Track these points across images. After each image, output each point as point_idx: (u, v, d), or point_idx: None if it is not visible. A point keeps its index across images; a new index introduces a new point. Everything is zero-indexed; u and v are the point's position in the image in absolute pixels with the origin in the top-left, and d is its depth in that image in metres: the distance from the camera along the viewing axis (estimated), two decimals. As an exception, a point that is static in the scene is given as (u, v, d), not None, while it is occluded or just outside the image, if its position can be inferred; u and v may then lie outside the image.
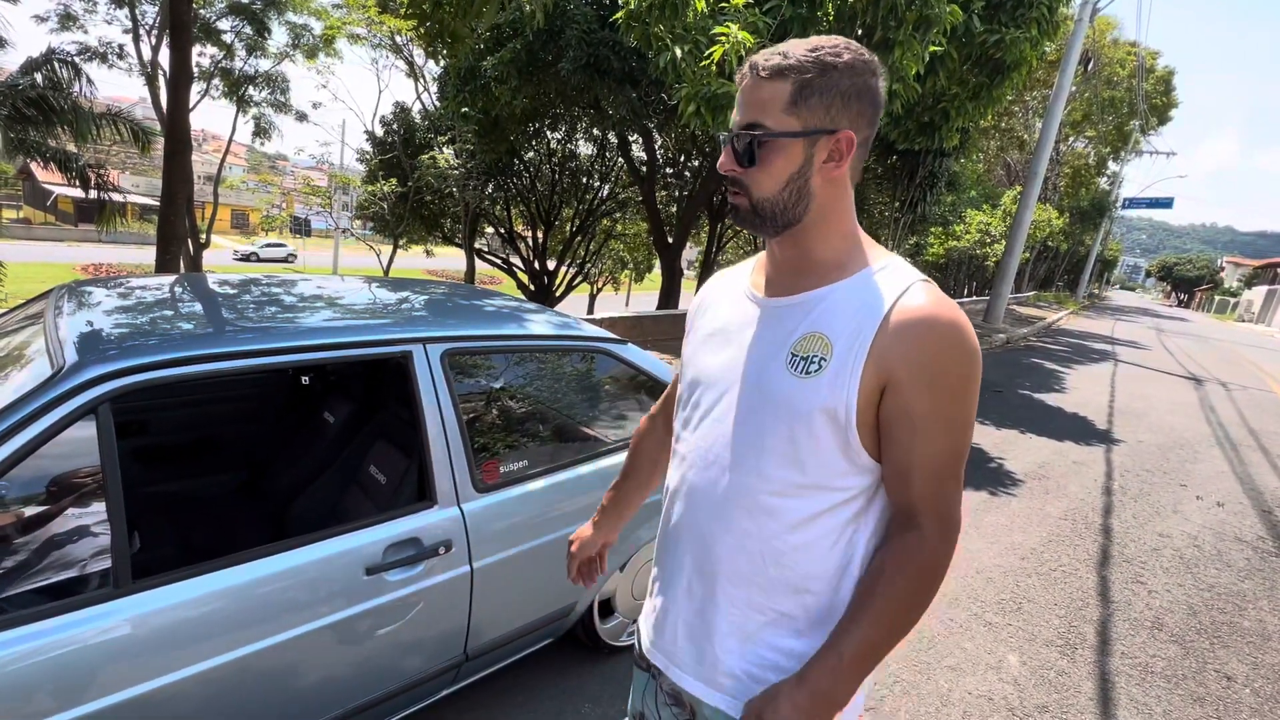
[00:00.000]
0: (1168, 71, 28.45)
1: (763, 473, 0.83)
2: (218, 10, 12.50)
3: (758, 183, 0.80)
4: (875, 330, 0.76)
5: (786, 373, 0.81)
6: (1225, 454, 5.95)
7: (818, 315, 0.81)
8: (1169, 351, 14.93)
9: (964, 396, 0.78)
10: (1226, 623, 2.98)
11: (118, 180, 10.27)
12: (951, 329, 0.76)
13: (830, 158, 0.79)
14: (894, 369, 0.76)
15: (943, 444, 0.78)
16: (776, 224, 0.81)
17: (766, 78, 0.77)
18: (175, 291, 1.89)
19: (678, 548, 0.93)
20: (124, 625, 1.19)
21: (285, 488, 2.24)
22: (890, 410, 0.78)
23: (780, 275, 0.88)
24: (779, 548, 0.83)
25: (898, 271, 0.81)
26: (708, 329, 0.95)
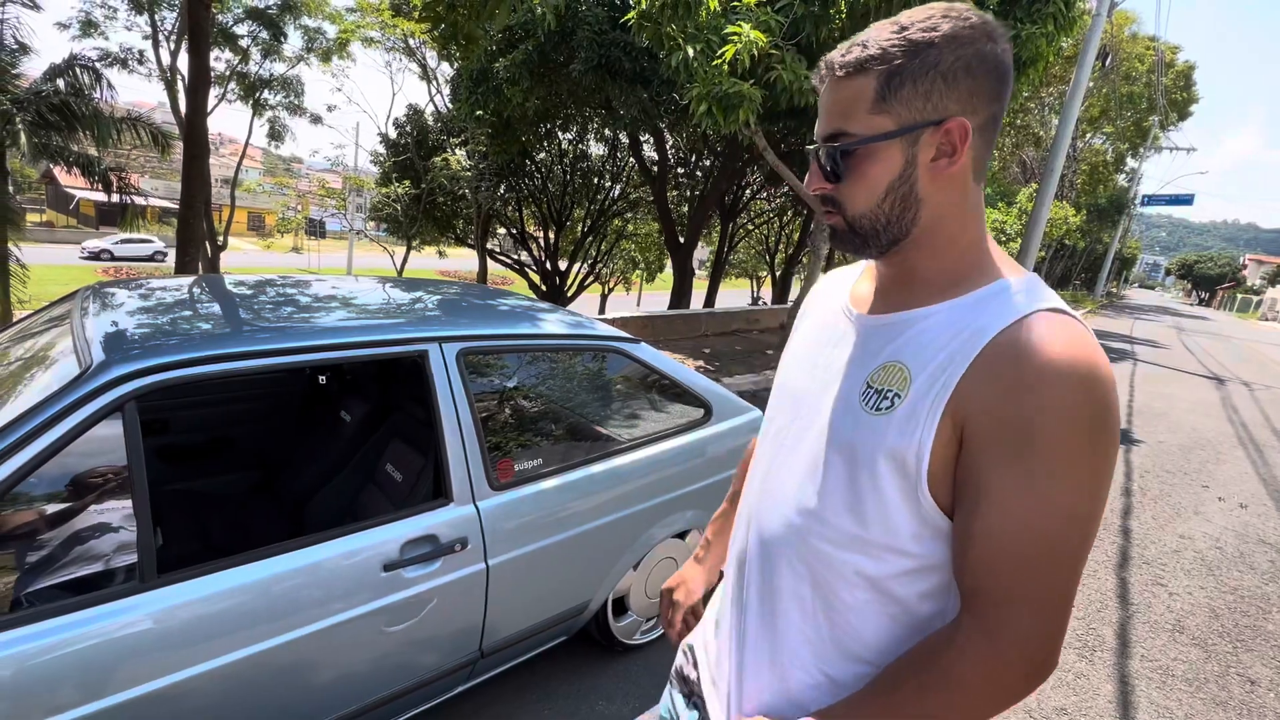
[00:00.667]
0: (1188, 66, 27.97)
1: (820, 516, 0.71)
2: (235, 15, 12.69)
3: (851, 198, 0.68)
4: (967, 366, 0.62)
5: (858, 405, 0.69)
6: (1249, 455, 5.84)
7: (904, 342, 0.68)
8: (1189, 350, 14.68)
9: (1070, 473, 0.58)
10: (1250, 626, 2.92)
11: (138, 184, 10.45)
12: (1067, 375, 0.58)
13: (940, 154, 0.65)
14: (973, 415, 0.61)
15: (1016, 524, 0.59)
16: (880, 242, 0.69)
17: (844, 75, 0.65)
18: (195, 292, 1.92)
19: (734, 571, 0.84)
20: (149, 619, 1.21)
21: (302, 486, 2.27)
22: (963, 467, 0.63)
23: (881, 288, 0.76)
24: (834, 604, 0.71)
25: (1022, 294, 0.65)
26: (800, 337, 0.86)
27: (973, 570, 0.62)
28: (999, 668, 0.61)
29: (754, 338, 8.86)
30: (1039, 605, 0.60)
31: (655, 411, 2.36)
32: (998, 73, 0.64)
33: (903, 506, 0.65)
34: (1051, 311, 0.62)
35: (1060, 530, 0.59)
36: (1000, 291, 0.66)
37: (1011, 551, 0.60)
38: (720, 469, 2.30)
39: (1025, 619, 0.60)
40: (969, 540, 0.62)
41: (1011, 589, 0.60)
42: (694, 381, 2.31)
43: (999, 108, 0.65)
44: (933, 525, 0.65)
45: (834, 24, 5.01)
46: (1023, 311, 0.62)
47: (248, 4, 12.74)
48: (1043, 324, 0.61)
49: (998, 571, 0.60)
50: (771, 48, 4.71)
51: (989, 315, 0.63)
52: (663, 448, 2.13)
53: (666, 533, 2.16)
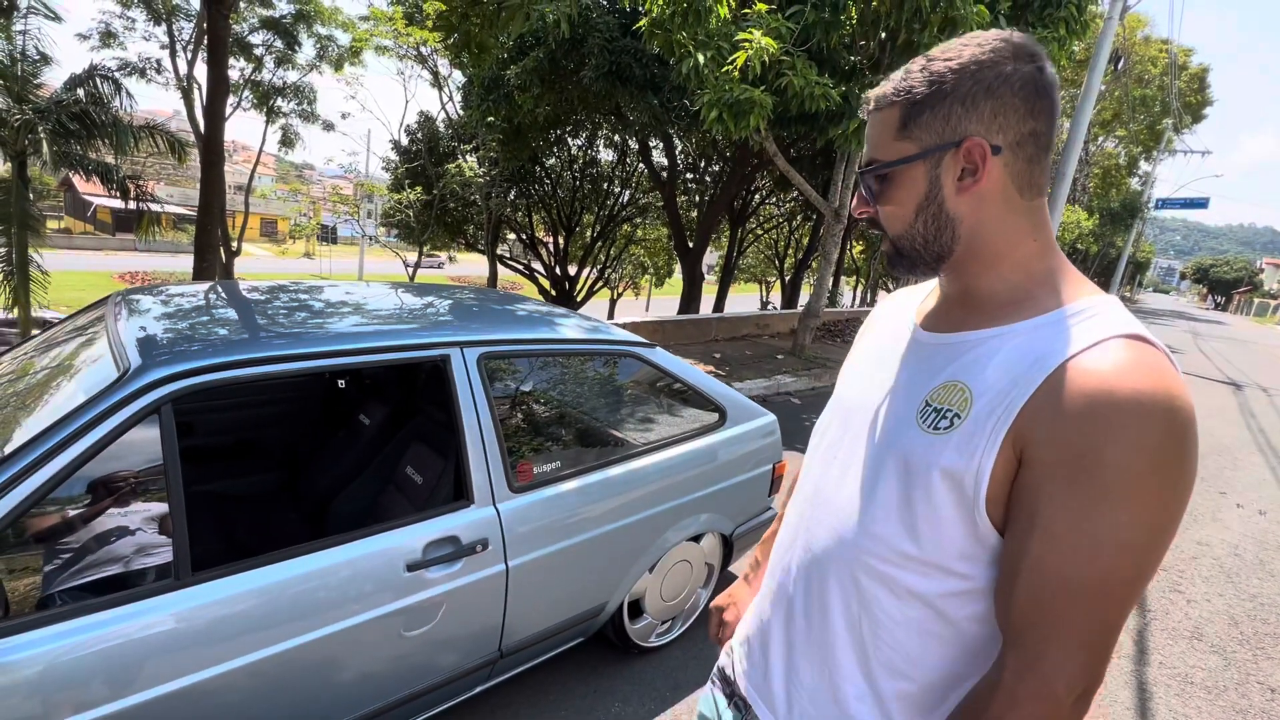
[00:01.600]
0: (1202, 69, 27.75)
1: (871, 530, 0.71)
2: (250, 25, 12.89)
3: (888, 220, 0.73)
4: (1033, 391, 0.60)
5: (915, 423, 0.69)
6: (1267, 461, 5.77)
7: (967, 362, 0.68)
8: (1205, 355, 14.51)
9: (1132, 504, 0.56)
10: (1270, 634, 2.89)
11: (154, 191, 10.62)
12: (1132, 400, 0.55)
13: (964, 173, 0.67)
14: (1034, 441, 0.59)
15: (1071, 559, 0.57)
16: (926, 260, 0.72)
17: (875, 109, 0.71)
18: (223, 298, 1.96)
19: (779, 579, 0.85)
20: (184, 617, 1.24)
21: (323, 488, 2.30)
22: (1018, 492, 0.61)
23: (945, 307, 0.76)
24: (882, 619, 0.71)
25: (1095, 319, 0.63)
26: (862, 349, 0.87)
27: (1020, 604, 0.60)
28: (1051, 708, 0.59)
29: (764, 343, 8.85)
30: (1088, 642, 0.58)
31: (670, 415, 2.38)
32: (1026, 90, 0.64)
33: (958, 526, 0.65)
34: (1129, 338, 0.60)
35: (1119, 566, 0.57)
36: (1073, 314, 0.64)
37: (1064, 586, 0.58)
38: (735, 473, 2.31)
39: (1076, 657, 0.58)
40: (1016, 571, 0.60)
41: (1067, 626, 0.58)
42: (708, 386, 2.32)
43: (1038, 124, 0.66)
44: (988, 548, 0.64)
45: (844, 30, 5.04)
46: (1096, 337, 0.60)
47: (263, 14, 12.94)
48: (1117, 351, 0.59)
49: (1046, 607, 0.59)
50: (782, 54, 4.74)
51: (1058, 339, 0.62)
52: (678, 451, 2.15)
53: (681, 536, 2.17)
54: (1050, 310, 0.66)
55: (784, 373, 6.90)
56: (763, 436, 2.43)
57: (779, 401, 6.22)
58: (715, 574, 2.47)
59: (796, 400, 6.34)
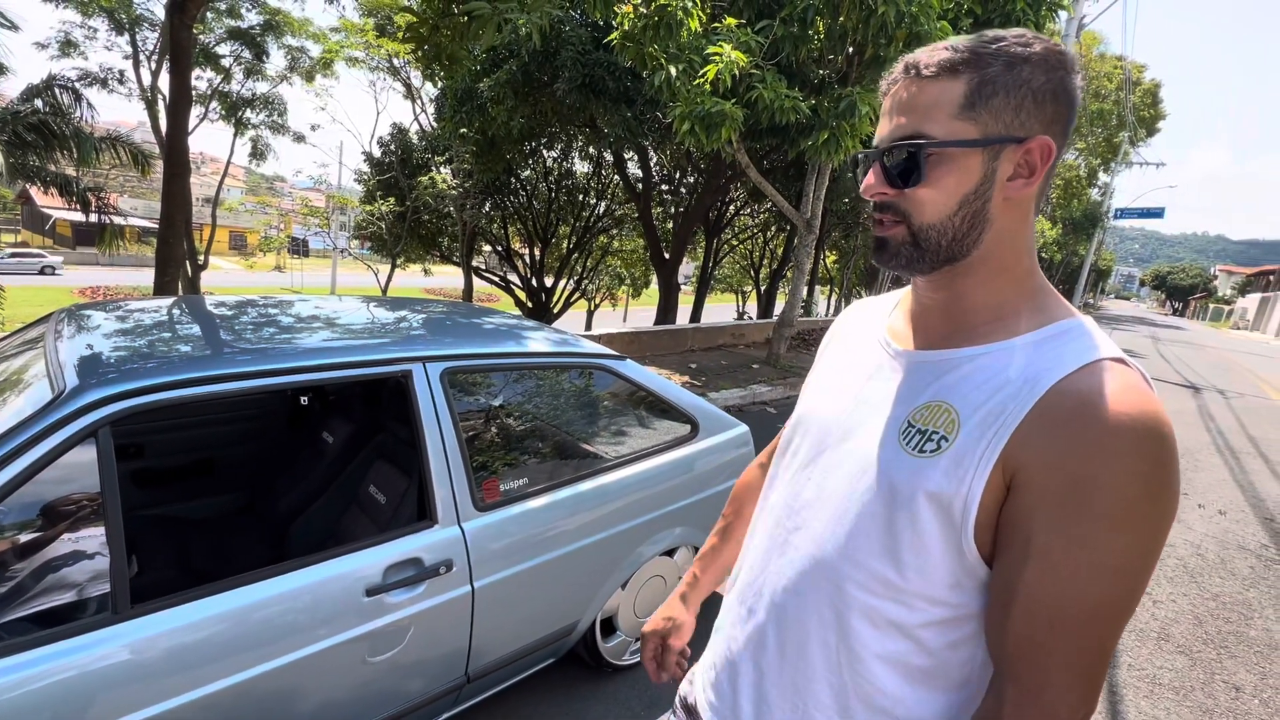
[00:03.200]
0: (1154, 84, 28.94)
1: (852, 557, 0.67)
2: (217, 35, 12.69)
3: (921, 206, 0.64)
4: (1024, 414, 0.58)
5: (898, 444, 0.65)
6: (1226, 462, 5.95)
7: (951, 381, 0.65)
8: (1165, 360, 14.99)
9: (1125, 529, 0.55)
10: (1233, 632, 2.95)
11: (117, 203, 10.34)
12: (1131, 432, 0.55)
13: (1018, 173, 0.62)
14: (1027, 465, 0.57)
15: (1068, 586, 0.56)
16: (937, 258, 0.65)
17: (931, 75, 0.62)
18: (174, 314, 1.89)
19: (745, 610, 0.79)
20: (123, 651, 1.17)
21: (285, 509, 2.23)
22: (1009, 518, 0.59)
23: (922, 321, 0.72)
24: (860, 653, 0.67)
25: (1079, 340, 0.62)
26: (828, 364, 0.83)
27: (1016, 634, 0.58)
28: None
29: (740, 352, 8.90)
30: (1086, 669, 0.57)
31: (642, 428, 2.36)
32: (1074, 109, 0.62)
33: (944, 553, 0.62)
34: (1114, 361, 0.59)
35: (1114, 592, 0.56)
36: (1058, 335, 0.63)
37: (1060, 614, 0.57)
38: (708, 485, 2.29)
39: (1076, 685, 0.57)
40: (1011, 600, 0.58)
41: (1064, 655, 0.57)
42: (680, 397, 2.31)
43: (1064, 144, 0.63)
44: (973, 575, 0.62)
45: (812, 44, 5.13)
46: (1084, 360, 0.59)
47: (230, 24, 12.75)
48: (1107, 375, 0.57)
49: (1045, 636, 0.57)
50: (752, 67, 4.80)
51: (1046, 361, 0.60)
52: (650, 464, 2.12)
53: (654, 551, 2.14)
54: (1033, 329, 0.64)
55: (759, 382, 6.93)
56: (736, 448, 2.42)
57: (754, 411, 6.25)
58: (690, 588, 2.44)
59: (772, 410, 6.37)
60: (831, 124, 5.28)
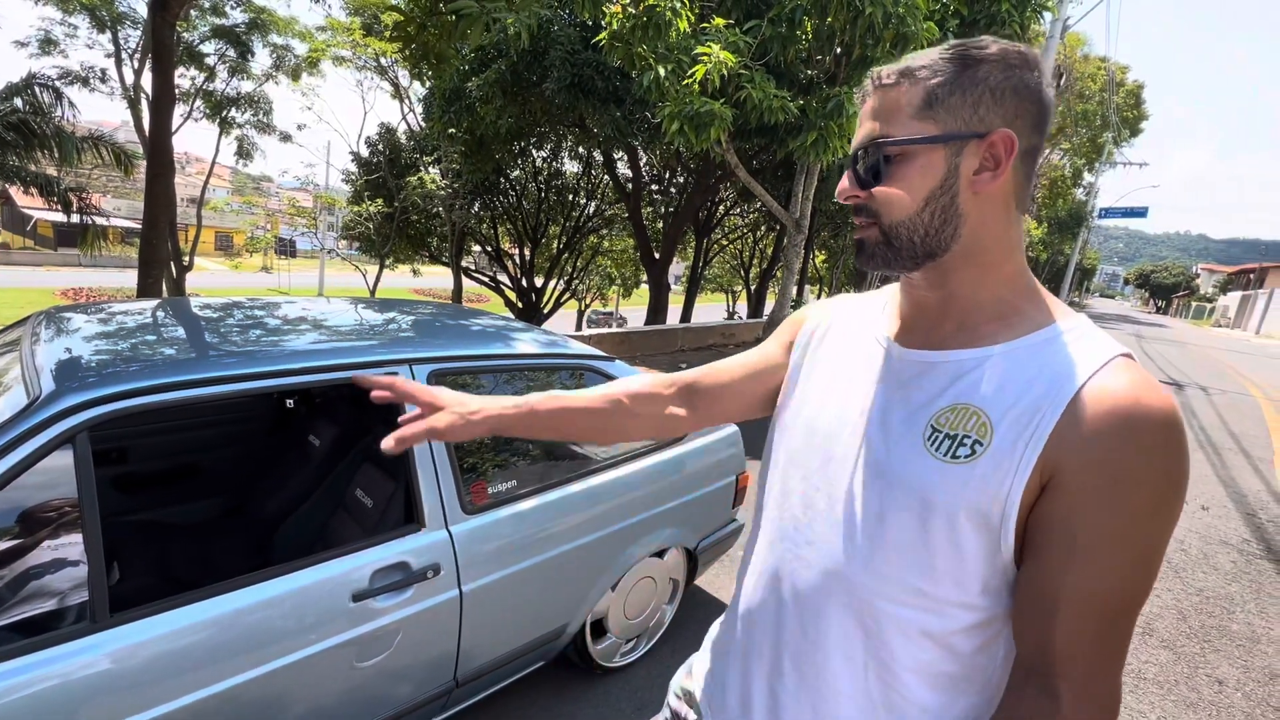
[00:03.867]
0: (1137, 85, 29.29)
1: (878, 570, 0.66)
2: (201, 33, 12.53)
3: (889, 204, 0.65)
4: (1060, 415, 0.58)
5: (924, 450, 0.64)
6: (1208, 457, 6.03)
7: (971, 382, 0.64)
8: (1149, 357, 15.19)
9: (1157, 520, 0.57)
10: (1216, 626, 3.00)
11: (100, 204, 10.20)
12: (1161, 427, 0.57)
13: (984, 167, 0.63)
14: (1066, 466, 0.58)
15: (1112, 582, 0.57)
16: (915, 255, 0.66)
17: (892, 83, 0.65)
18: (157, 316, 1.86)
19: (762, 627, 0.76)
20: (103, 660, 1.15)
21: (270, 513, 2.20)
22: (1047, 518, 0.59)
23: (921, 319, 0.71)
24: (892, 666, 0.66)
25: (1089, 338, 0.63)
26: (821, 366, 0.79)
27: (1066, 632, 0.58)
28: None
29: (730, 352, 8.91)
30: (1124, 655, 0.60)
31: (631, 429, 2.35)
32: (1040, 104, 0.63)
33: (978, 558, 0.61)
34: (1126, 358, 0.61)
35: (1145, 577, 0.58)
36: (1068, 332, 0.64)
37: (1107, 607, 0.58)
38: (697, 486, 2.29)
39: (1118, 672, 0.59)
40: (1058, 598, 0.58)
41: (1108, 645, 0.59)
42: (670, 398, 2.30)
43: (1039, 140, 0.64)
44: (1003, 576, 0.62)
45: (800, 44, 5.14)
46: (1104, 358, 0.60)
47: (214, 22, 12.59)
48: (1127, 373, 0.59)
49: (1094, 630, 0.58)
50: (741, 68, 4.81)
51: (1067, 360, 0.61)
52: (639, 466, 2.12)
53: (645, 551, 2.14)
54: (1043, 328, 0.64)
55: (750, 382, 6.94)
56: (725, 448, 2.42)
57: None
58: (680, 589, 2.44)
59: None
60: (820, 124, 5.30)
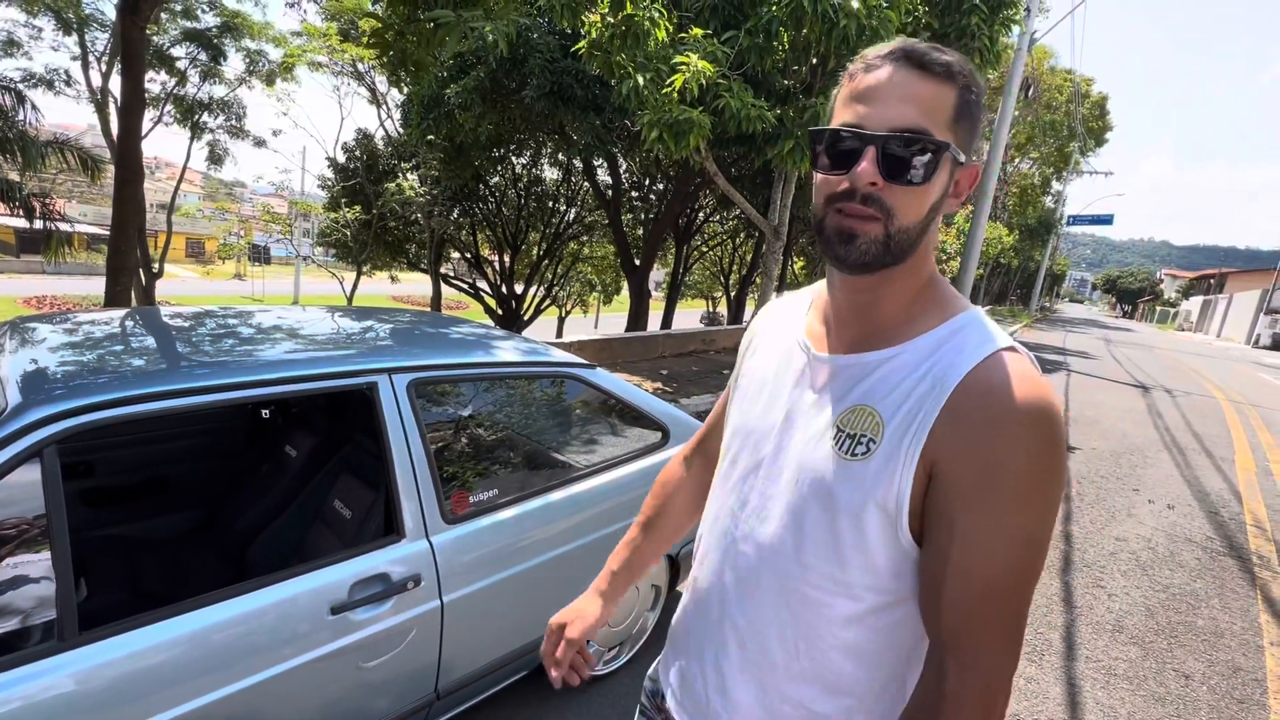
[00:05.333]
0: (1102, 97, 30.23)
1: (802, 561, 0.71)
2: (172, 36, 12.30)
3: (907, 206, 0.63)
4: (939, 410, 0.63)
5: (831, 450, 0.68)
6: (1174, 458, 6.22)
7: (872, 384, 0.68)
8: (1117, 361, 15.61)
9: (1031, 504, 0.61)
10: (1182, 622, 3.08)
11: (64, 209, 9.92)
12: (1030, 410, 0.60)
13: (957, 191, 0.67)
14: (945, 457, 0.62)
15: (991, 564, 0.61)
16: (894, 260, 0.66)
17: (938, 75, 0.62)
18: (126, 326, 1.83)
19: (710, 613, 0.83)
20: (71, 680, 1.12)
21: (246, 526, 2.16)
22: (933, 507, 0.64)
23: (840, 324, 0.74)
24: (819, 645, 0.72)
25: (976, 333, 0.66)
26: (754, 373, 0.84)
27: (950, 610, 0.63)
28: (991, 698, 0.63)
29: (710, 358, 8.97)
30: (1011, 631, 0.63)
31: (613, 436, 2.36)
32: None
33: (883, 546, 0.67)
34: (1008, 351, 0.64)
35: (1028, 559, 0.62)
36: (957, 331, 0.67)
37: (987, 587, 0.62)
38: (679, 492, 2.30)
39: (1008, 649, 0.63)
40: (942, 580, 0.63)
41: (995, 623, 0.62)
42: (650, 405, 2.32)
43: None
44: (910, 559, 0.67)
45: (777, 55, 5.22)
46: (984, 353, 0.64)
47: (186, 26, 12.37)
48: (1003, 366, 0.63)
49: (976, 609, 0.62)
50: (719, 77, 4.86)
51: (951, 357, 0.65)
52: (621, 473, 2.12)
53: (627, 559, 2.14)
54: (936, 326, 0.68)
55: (730, 387, 6.98)
56: (706, 454, 2.43)
57: (726, 416, 6.29)
58: (663, 595, 2.44)
59: (743, 414, 6.42)
60: (797, 133, 5.37)
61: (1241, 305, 35.49)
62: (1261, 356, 23.90)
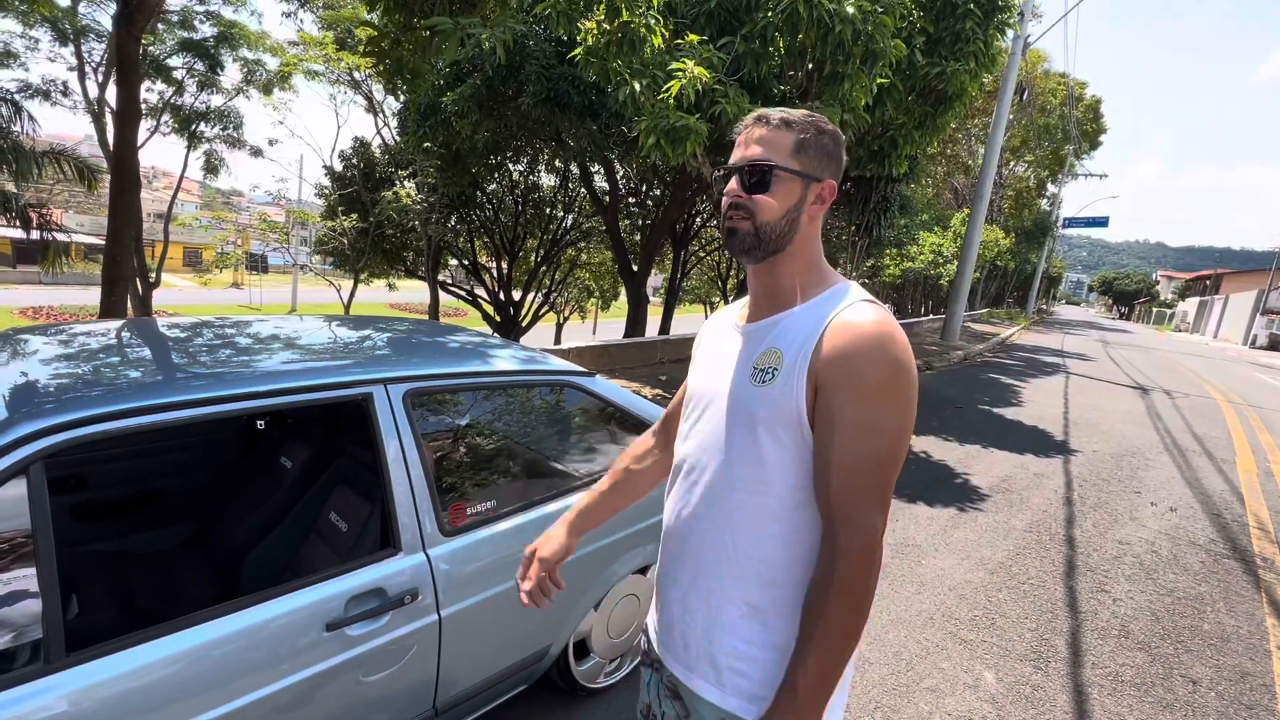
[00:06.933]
0: (1095, 100, 30.36)
1: (731, 471, 0.94)
2: (168, 47, 12.31)
3: (764, 208, 0.93)
4: (817, 340, 0.89)
5: (749, 383, 0.94)
6: (1174, 460, 6.20)
7: (776, 334, 0.94)
8: (1115, 362, 15.62)
9: (884, 403, 0.85)
10: (1188, 626, 3.06)
11: (61, 219, 9.90)
12: (875, 337, 0.86)
13: (817, 200, 0.96)
14: (822, 372, 0.87)
15: (859, 448, 0.85)
16: (768, 248, 0.95)
17: (777, 126, 0.94)
18: (121, 337, 1.80)
19: (670, 546, 1.04)
20: (59, 703, 1.10)
21: (239, 540, 2.13)
22: (818, 410, 0.88)
23: (756, 303, 1.02)
24: (748, 542, 0.93)
25: (845, 293, 0.94)
26: (701, 355, 1.11)
27: (837, 486, 0.85)
28: (870, 554, 0.85)
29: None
30: (884, 498, 0.86)
31: (612, 444, 2.33)
32: (842, 167, 0.98)
33: (792, 449, 0.89)
34: (864, 302, 0.91)
35: (889, 443, 0.86)
36: (834, 294, 0.94)
37: (860, 462, 0.85)
38: (680, 500, 2.27)
39: (879, 511, 0.86)
40: (829, 465, 0.86)
41: (868, 493, 0.85)
42: (649, 412, 2.29)
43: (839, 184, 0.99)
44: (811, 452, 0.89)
45: (773, 60, 5.22)
46: (848, 303, 0.92)
47: (182, 36, 12.38)
48: (860, 309, 0.90)
49: (854, 482, 0.85)
50: (715, 83, 4.86)
51: (828, 308, 0.92)
52: (621, 482, 2.09)
53: (627, 569, 2.12)
54: (821, 293, 0.95)
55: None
56: (707, 462, 2.41)
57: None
58: (664, 605, 2.41)
59: (743, 420, 6.39)
60: (794, 138, 5.38)
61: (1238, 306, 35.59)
62: (1258, 356, 23.95)
